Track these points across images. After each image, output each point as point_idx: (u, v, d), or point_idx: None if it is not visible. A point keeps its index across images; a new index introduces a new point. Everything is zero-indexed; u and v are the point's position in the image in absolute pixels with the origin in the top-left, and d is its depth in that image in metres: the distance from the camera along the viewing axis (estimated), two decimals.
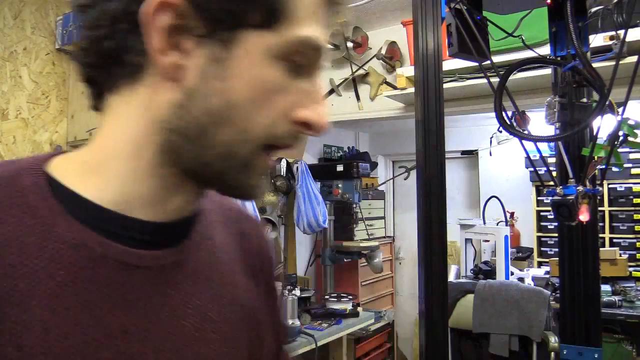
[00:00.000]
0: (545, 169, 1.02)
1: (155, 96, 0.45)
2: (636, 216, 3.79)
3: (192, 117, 0.44)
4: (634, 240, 3.78)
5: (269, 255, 0.65)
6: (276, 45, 0.43)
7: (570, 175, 0.97)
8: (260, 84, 0.44)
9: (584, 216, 0.90)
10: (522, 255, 3.96)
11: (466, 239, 3.74)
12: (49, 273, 0.42)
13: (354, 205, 3.72)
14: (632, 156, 3.80)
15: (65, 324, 0.41)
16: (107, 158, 0.46)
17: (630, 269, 3.54)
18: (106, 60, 0.45)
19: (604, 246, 3.76)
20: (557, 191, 0.92)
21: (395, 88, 2.79)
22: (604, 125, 0.91)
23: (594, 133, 0.94)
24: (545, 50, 1.14)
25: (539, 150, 1.02)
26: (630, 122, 0.90)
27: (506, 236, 3.23)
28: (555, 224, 2.14)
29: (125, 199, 0.46)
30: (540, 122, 1.08)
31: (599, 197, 0.90)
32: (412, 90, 2.57)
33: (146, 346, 0.45)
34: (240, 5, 0.42)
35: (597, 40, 1.09)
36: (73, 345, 0.41)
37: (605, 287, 3.11)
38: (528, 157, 1.09)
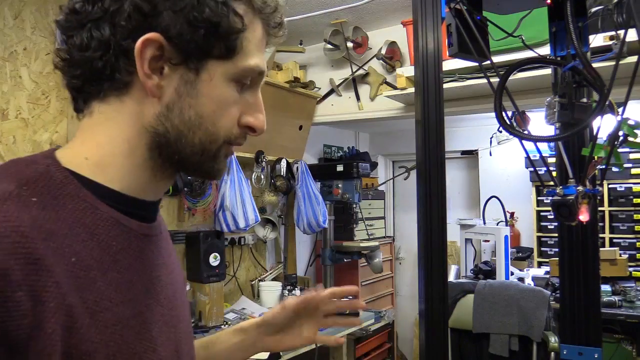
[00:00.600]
0: (545, 169, 1.02)
1: (142, 107, 0.59)
2: (636, 216, 3.79)
3: (172, 125, 0.59)
4: (634, 240, 3.78)
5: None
6: (232, 72, 0.60)
7: (570, 175, 0.97)
8: (221, 100, 0.60)
9: (584, 216, 0.90)
10: (522, 255, 3.96)
11: (466, 239, 3.74)
12: (108, 244, 0.57)
13: (354, 205, 3.71)
14: (632, 156, 3.80)
15: (126, 280, 0.58)
16: (108, 155, 0.60)
17: (630, 269, 3.54)
18: (96, 76, 0.58)
19: (604, 246, 3.76)
20: (557, 191, 0.92)
21: (395, 88, 2.79)
22: (604, 125, 0.91)
23: (594, 133, 0.94)
24: (545, 50, 1.14)
25: (539, 150, 1.02)
26: (630, 122, 0.90)
27: (506, 236, 3.23)
28: (555, 224, 2.14)
29: (130, 185, 0.61)
30: (540, 122, 1.08)
31: (599, 197, 0.90)
32: (412, 90, 2.57)
33: (163, 292, 0.64)
34: (207, 42, 0.57)
35: (597, 40, 1.09)
36: (134, 293, 0.58)
37: (605, 287, 3.11)
38: (528, 157, 1.09)
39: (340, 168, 3.43)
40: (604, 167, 0.94)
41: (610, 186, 3.87)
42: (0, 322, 0.45)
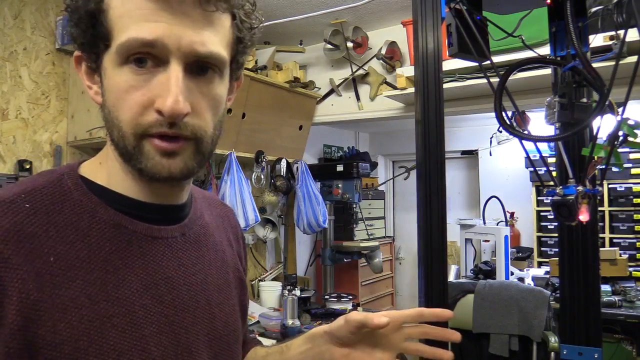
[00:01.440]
0: (545, 169, 1.02)
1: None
2: (636, 216, 3.79)
3: (106, 126, 0.62)
4: (634, 240, 3.78)
5: (239, 230, 0.87)
6: (114, 56, 0.57)
7: (570, 175, 0.97)
8: (115, 88, 0.58)
9: (584, 216, 0.90)
10: (522, 255, 3.96)
11: (466, 239, 3.74)
12: (100, 245, 0.59)
13: (354, 205, 3.71)
14: (632, 156, 3.80)
15: (118, 279, 0.59)
16: (109, 163, 0.64)
17: (630, 269, 3.54)
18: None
19: (604, 246, 3.76)
20: (557, 191, 0.92)
21: (395, 88, 2.79)
22: (604, 125, 0.90)
23: (594, 133, 0.94)
24: (545, 50, 1.14)
25: (538, 150, 1.02)
26: (630, 122, 0.89)
27: (506, 236, 3.23)
28: (555, 224, 2.14)
29: (130, 189, 0.63)
30: (540, 122, 1.08)
31: (599, 197, 0.90)
32: (412, 90, 2.57)
33: (172, 293, 0.64)
34: (91, 45, 0.59)
35: (597, 40, 1.09)
36: (125, 292, 0.59)
37: (605, 287, 3.10)
38: (528, 157, 1.09)
39: (340, 168, 3.43)
40: (604, 167, 0.94)
41: (610, 186, 3.87)
42: None
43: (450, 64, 2.31)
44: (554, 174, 1.02)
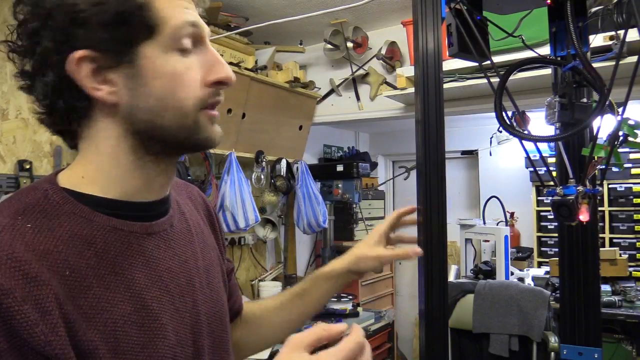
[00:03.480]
0: (545, 169, 1.02)
1: (111, 117, 0.63)
2: (636, 216, 3.79)
3: (141, 120, 0.63)
4: (634, 240, 3.78)
5: (208, 204, 0.91)
6: (164, 43, 0.61)
7: (570, 175, 0.97)
8: (170, 73, 0.62)
9: (584, 216, 0.90)
10: (522, 255, 3.96)
11: (466, 239, 3.73)
12: (105, 250, 0.62)
13: (354, 205, 3.71)
14: (632, 156, 3.80)
15: (127, 280, 0.62)
16: (98, 169, 0.65)
17: (630, 269, 3.54)
18: (64, 118, 0.64)
19: (604, 246, 3.76)
20: (557, 191, 0.92)
21: (395, 88, 2.79)
22: (604, 125, 0.90)
23: (594, 133, 0.94)
24: (545, 50, 1.14)
25: (539, 150, 1.02)
26: (630, 122, 0.89)
27: (506, 236, 3.23)
28: (555, 224, 2.14)
29: (125, 191, 0.65)
30: (540, 122, 1.08)
31: (599, 197, 0.90)
32: (412, 90, 2.57)
33: (174, 281, 0.68)
34: (125, 34, 0.60)
35: (597, 40, 1.09)
36: (136, 290, 0.63)
37: (605, 287, 3.10)
38: (528, 157, 1.09)
39: (340, 168, 3.43)
40: (604, 167, 0.94)
41: (610, 186, 3.87)
42: (16, 332, 0.51)
43: (450, 64, 2.31)
44: (554, 174, 1.02)
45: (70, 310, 0.56)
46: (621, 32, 0.94)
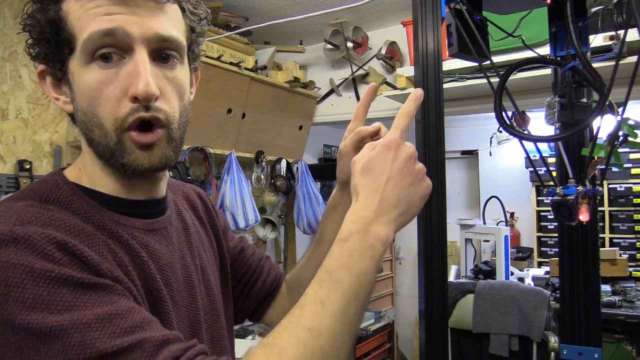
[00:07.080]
0: (545, 169, 1.02)
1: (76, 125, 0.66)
2: (636, 216, 3.79)
3: (81, 131, 0.64)
4: (634, 240, 3.78)
5: (206, 199, 0.91)
6: (80, 57, 0.60)
7: (570, 175, 0.97)
8: (87, 87, 0.60)
9: (584, 216, 0.90)
10: (522, 255, 3.96)
11: (466, 239, 3.73)
12: (117, 235, 0.63)
13: None
14: (632, 156, 3.80)
15: (138, 262, 0.64)
16: (90, 170, 0.67)
17: (630, 269, 3.54)
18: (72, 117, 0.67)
19: (604, 246, 3.76)
20: (557, 191, 0.92)
21: (395, 88, 2.79)
22: (604, 125, 0.90)
23: (594, 133, 0.94)
24: (545, 50, 1.14)
25: (538, 150, 1.02)
26: (630, 122, 0.90)
27: (506, 236, 3.22)
28: (555, 224, 2.14)
29: (115, 189, 0.66)
30: (540, 122, 1.08)
31: (599, 197, 0.90)
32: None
33: (174, 277, 0.70)
34: (56, 51, 0.61)
35: (597, 40, 1.09)
36: (144, 269, 0.64)
37: (605, 287, 3.10)
38: (528, 157, 1.09)
39: None
40: (604, 167, 0.94)
41: (610, 186, 3.87)
42: (90, 264, 0.55)
43: (450, 64, 2.31)
44: (554, 174, 1.02)
45: (119, 257, 0.60)
46: (621, 32, 0.94)
